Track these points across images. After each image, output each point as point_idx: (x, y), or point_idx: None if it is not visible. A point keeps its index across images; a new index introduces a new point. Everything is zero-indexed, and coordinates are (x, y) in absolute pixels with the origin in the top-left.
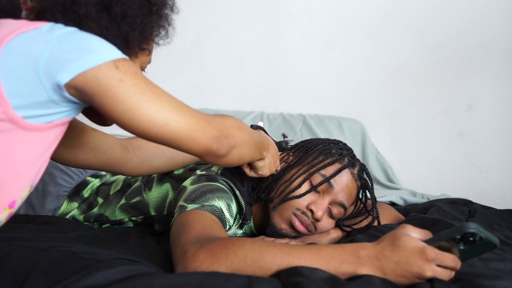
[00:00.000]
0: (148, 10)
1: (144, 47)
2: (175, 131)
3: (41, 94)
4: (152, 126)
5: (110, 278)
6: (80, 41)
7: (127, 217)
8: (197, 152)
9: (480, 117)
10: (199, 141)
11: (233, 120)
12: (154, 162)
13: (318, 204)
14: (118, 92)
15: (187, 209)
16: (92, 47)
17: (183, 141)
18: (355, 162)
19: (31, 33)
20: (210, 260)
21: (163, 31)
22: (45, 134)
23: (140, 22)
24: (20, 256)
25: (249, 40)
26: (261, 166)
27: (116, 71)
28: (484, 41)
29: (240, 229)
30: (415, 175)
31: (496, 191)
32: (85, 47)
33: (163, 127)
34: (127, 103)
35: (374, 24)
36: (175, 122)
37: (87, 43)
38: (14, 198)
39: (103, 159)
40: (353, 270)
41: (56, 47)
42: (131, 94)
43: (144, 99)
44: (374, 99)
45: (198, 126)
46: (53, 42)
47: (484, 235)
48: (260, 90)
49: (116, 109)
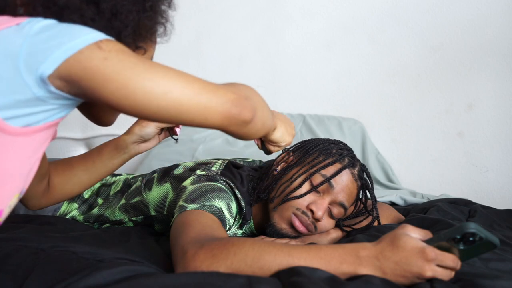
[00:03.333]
0: (142, 6)
1: (139, 45)
2: (180, 99)
3: (24, 91)
4: (150, 98)
5: (110, 278)
6: (59, 30)
7: (127, 217)
8: (217, 122)
9: (480, 117)
10: (214, 107)
11: (241, 84)
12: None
13: (318, 204)
14: (105, 70)
15: (187, 209)
16: (71, 33)
17: (195, 111)
18: (355, 162)
19: (11, 29)
20: (210, 260)
21: (161, 28)
22: (30, 138)
23: (133, 19)
24: (20, 256)
25: (248, 40)
26: (280, 135)
27: (99, 51)
28: (484, 41)
29: (240, 229)
30: (415, 175)
31: (496, 191)
32: (65, 34)
33: (164, 96)
34: (117, 80)
35: (374, 24)
36: (178, 89)
37: (66, 30)
38: (1, 208)
39: None
40: (353, 270)
41: (34, 39)
42: (120, 69)
43: (135, 71)
44: (374, 99)
45: (208, 90)
46: (31, 34)
47: (484, 235)
48: (260, 90)
49: (108, 89)
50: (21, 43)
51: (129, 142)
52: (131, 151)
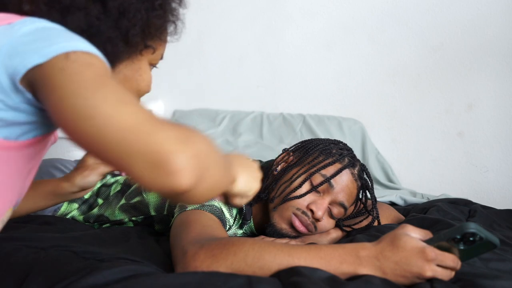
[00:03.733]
0: (151, 4)
1: (148, 44)
2: (103, 130)
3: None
4: (76, 118)
5: (110, 277)
6: (45, 34)
7: (127, 217)
8: (145, 172)
9: (480, 117)
10: (149, 146)
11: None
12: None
13: (318, 204)
14: (55, 80)
15: (187, 209)
16: (53, 39)
17: (116, 150)
18: (355, 162)
19: (2, 28)
20: (210, 260)
21: (171, 27)
22: (12, 153)
23: (141, 18)
24: (20, 256)
25: (249, 40)
26: (244, 184)
27: (62, 61)
28: (484, 41)
29: (240, 229)
30: (415, 175)
31: (496, 191)
32: (46, 40)
33: (89, 121)
34: (59, 91)
35: (374, 24)
36: (108, 118)
37: (50, 35)
38: None
39: None
40: (353, 270)
41: (17, 40)
42: (68, 81)
43: (80, 87)
44: (374, 99)
45: (145, 131)
46: (17, 35)
47: (484, 235)
48: (260, 90)
49: (51, 99)
50: (4, 43)
51: (68, 191)
52: (68, 198)
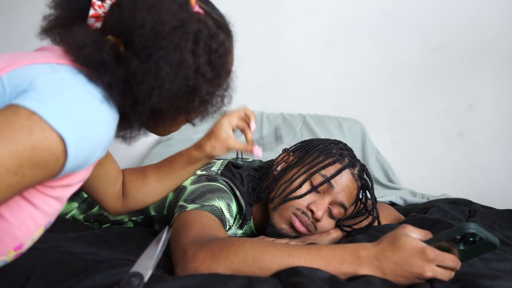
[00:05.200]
0: (191, 99)
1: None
2: None
3: None
4: None
5: (110, 279)
6: (52, 85)
7: (127, 217)
8: None
9: (480, 117)
10: None
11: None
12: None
13: (319, 204)
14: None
15: (187, 209)
16: (47, 94)
17: None
18: (356, 163)
19: (42, 66)
20: (210, 260)
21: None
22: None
23: (177, 114)
24: (20, 257)
25: (249, 40)
26: None
27: (13, 115)
28: (484, 41)
29: (240, 229)
30: (415, 175)
31: (496, 191)
32: (44, 91)
33: None
34: None
35: (374, 24)
36: None
37: (51, 88)
38: (20, 242)
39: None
40: (353, 270)
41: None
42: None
43: None
44: (374, 99)
45: None
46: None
47: (484, 236)
48: (260, 90)
49: None
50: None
51: (200, 157)
52: (203, 161)
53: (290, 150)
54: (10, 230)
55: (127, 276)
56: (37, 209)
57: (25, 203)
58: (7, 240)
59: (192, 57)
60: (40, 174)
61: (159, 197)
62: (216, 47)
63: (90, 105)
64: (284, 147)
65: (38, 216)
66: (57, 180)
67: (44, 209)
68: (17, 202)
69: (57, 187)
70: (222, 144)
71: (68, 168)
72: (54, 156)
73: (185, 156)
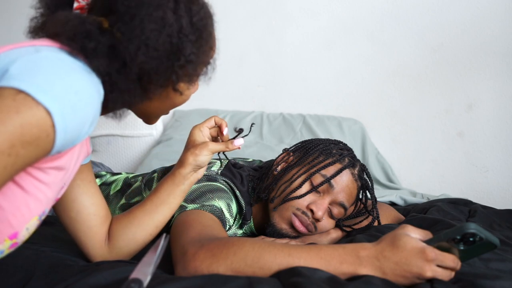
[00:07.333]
0: (176, 60)
1: (175, 88)
2: None
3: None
4: None
5: (110, 278)
6: (34, 64)
7: None
8: None
9: (480, 117)
10: None
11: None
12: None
13: (319, 204)
14: None
15: (187, 209)
16: (30, 72)
17: None
18: (356, 163)
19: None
20: (210, 259)
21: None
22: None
23: (164, 80)
24: (21, 257)
25: (249, 40)
26: None
27: (7, 92)
28: (484, 41)
29: (240, 229)
30: (415, 175)
31: (496, 191)
32: (26, 70)
33: None
34: None
35: (374, 24)
36: None
37: (34, 67)
38: (15, 230)
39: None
40: (353, 270)
41: (15, 63)
42: None
43: None
44: (374, 99)
45: None
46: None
47: (484, 236)
48: (260, 90)
49: None
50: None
51: (185, 174)
52: (190, 181)
53: (290, 150)
54: (5, 216)
55: (126, 283)
56: (30, 195)
57: (17, 189)
58: (2, 228)
59: (174, 16)
60: (33, 152)
61: (150, 232)
62: (196, 9)
63: (73, 79)
64: (284, 147)
65: (32, 203)
66: (50, 159)
67: (37, 195)
68: (10, 188)
69: (50, 169)
70: (202, 149)
71: (59, 144)
72: (45, 132)
73: (170, 178)
